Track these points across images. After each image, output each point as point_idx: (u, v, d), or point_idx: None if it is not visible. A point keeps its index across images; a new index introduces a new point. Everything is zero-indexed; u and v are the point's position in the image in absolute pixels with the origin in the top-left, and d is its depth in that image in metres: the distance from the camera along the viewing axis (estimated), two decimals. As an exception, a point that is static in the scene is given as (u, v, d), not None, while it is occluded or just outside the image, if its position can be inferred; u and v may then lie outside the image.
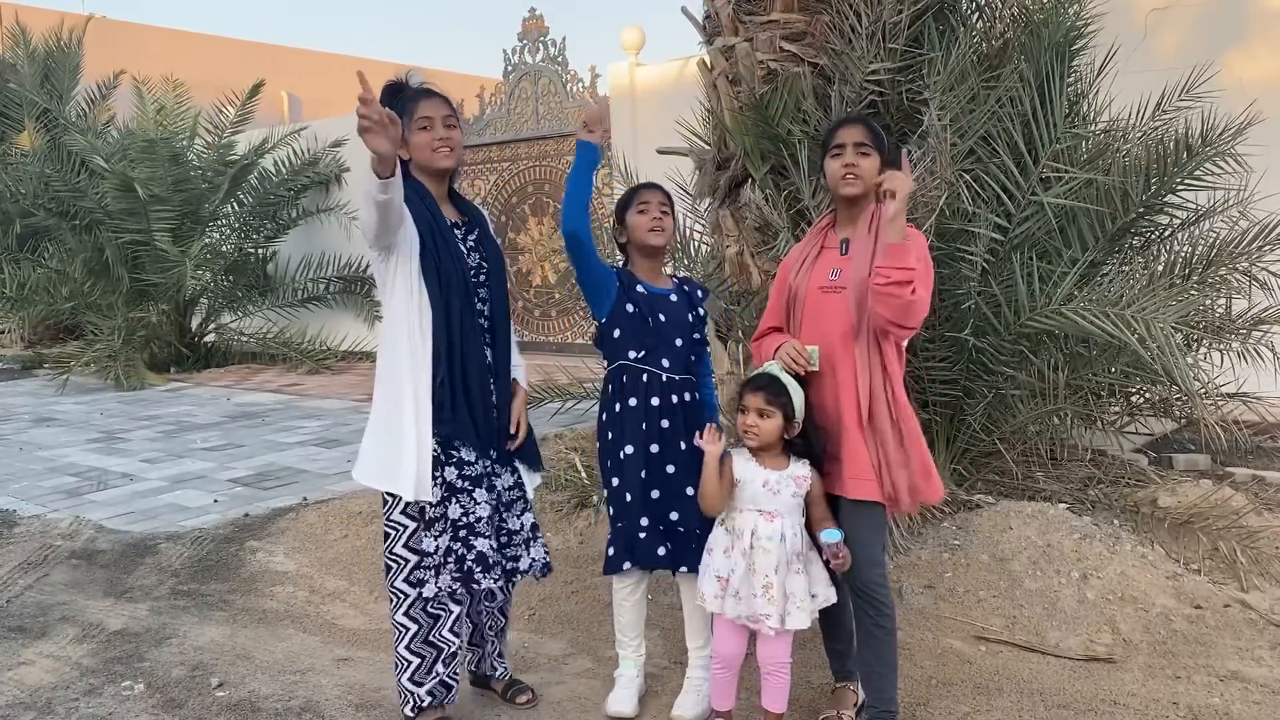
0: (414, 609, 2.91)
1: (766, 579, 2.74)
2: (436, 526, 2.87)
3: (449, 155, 2.93)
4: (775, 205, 4.41)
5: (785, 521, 2.78)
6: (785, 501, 2.79)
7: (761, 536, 2.76)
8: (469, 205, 3.11)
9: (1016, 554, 3.86)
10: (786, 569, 2.76)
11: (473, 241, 3.01)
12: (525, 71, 11.11)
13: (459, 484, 2.89)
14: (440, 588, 2.88)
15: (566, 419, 6.37)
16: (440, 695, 2.96)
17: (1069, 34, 4.32)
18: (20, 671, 3.65)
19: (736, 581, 2.78)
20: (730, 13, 4.59)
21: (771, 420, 2.76)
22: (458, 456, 2.88)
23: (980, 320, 4.18)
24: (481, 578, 2.88)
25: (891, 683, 2.83)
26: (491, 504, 2.94)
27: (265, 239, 12.64)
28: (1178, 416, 5.08)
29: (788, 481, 2.79)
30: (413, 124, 2.88)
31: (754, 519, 2.78)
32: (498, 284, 3.03)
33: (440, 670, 2.95)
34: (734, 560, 2.79)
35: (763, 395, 2.77)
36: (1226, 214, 4.59)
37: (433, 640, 2.93)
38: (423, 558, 2.88)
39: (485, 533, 2.89)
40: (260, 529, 5.16)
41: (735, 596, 2.78)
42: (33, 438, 8.01)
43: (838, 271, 2.81)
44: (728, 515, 2.86)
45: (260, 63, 20.20)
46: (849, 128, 2.84)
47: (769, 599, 2.73)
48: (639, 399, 3.04)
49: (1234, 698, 3.10)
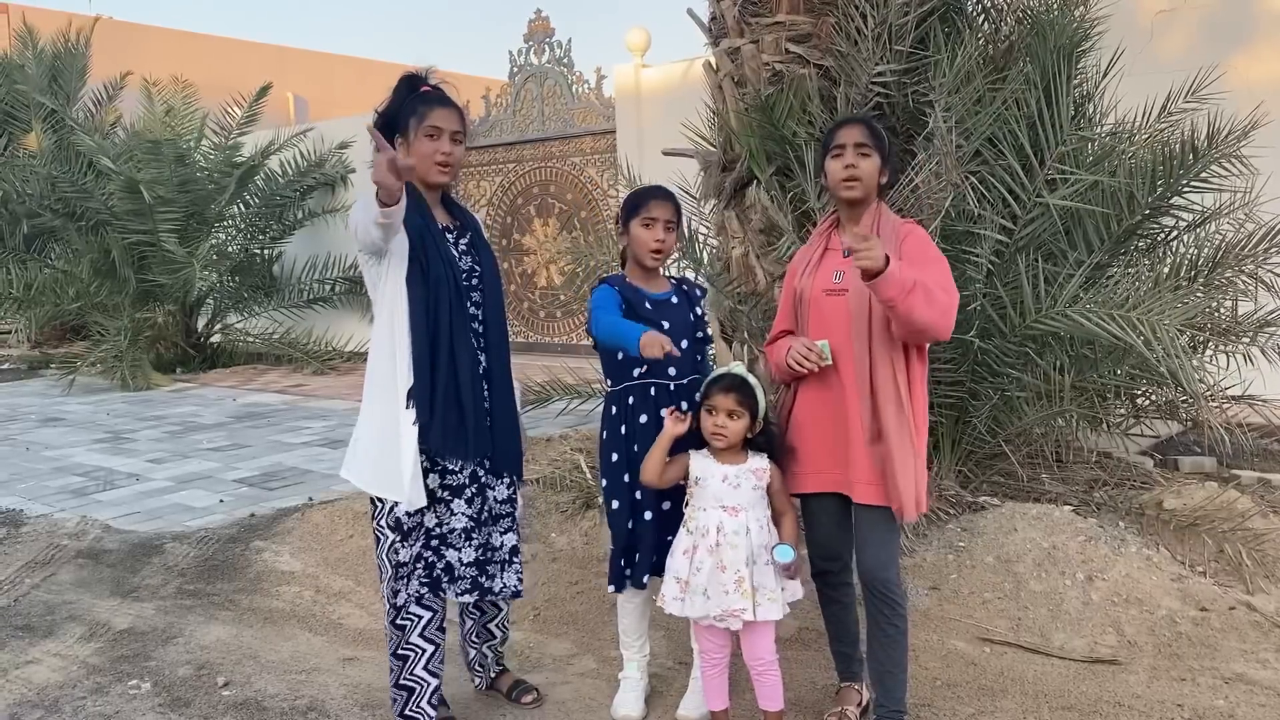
0: (393, 617, 2.90)
1: (738, 573, 2.75)
2: (411, 536, 2.83)
3: (445, 172, 2.88)
4: (781, 207, 4.41)
5: (749, 515, 2.80)
6: (747, 495, 2.81)
7: (728, 531, 2.77)
8: (461, 209, 3.08)
9: (1021, 556, 3.86)
10: (754, 562, 2.78)
11: (465, 245, 2.96)
12: (531, 73, 11.13)
13: (439, 493, 2.85)
14: (409, 595, 2.85)
15: (571, 419, 6.39)
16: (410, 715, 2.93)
17: (1074, 36, 4.32)
18: (28, 670, 3.66)
19: (703, 580, 2.78)
20: (735, 14, 4.59)
21: (740, 421, 2.79)
22: (442, 465, 2.84)
23: (986, 322, 4.18)
24: (447, 588, 2.86)
25: (902, 683, 2.83)
26: (471, 516, 2.87)
27: (271, 240, 12.68)
28: (1183, 419, 5.07)
29: (747, 475, 2.82)
30: (419, 128, 2.83)
31: (718, 515, 2.80)
32: (492, 288, 2.97)
33: (412, 688, 2.91)
34: (698, 559, 2.80)
35: (734, 396, 2.79)
36: (1233, 216, 4.58)
37: (400, 652, 2.90)
38: (399, 569, 2.86)
39: (457, 544, 2.86)
40: (266, 529, 5.17)
41: (704, 595, 2.78)
42: (39, 438, 8.04)
43: (841, 274, 2.79)
44: (690, 515, 2.87)
45: (266, 64, 20.27)
46: (849, 128, 2.82)
47: (742, 593, 2.75)
48: (649, 415, 2.98)
49: (1239, 700, 3.10)
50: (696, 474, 2.86)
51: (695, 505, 2.86)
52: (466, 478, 2.87)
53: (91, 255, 11.62)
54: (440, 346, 2.78)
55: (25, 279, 11.50)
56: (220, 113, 12.38)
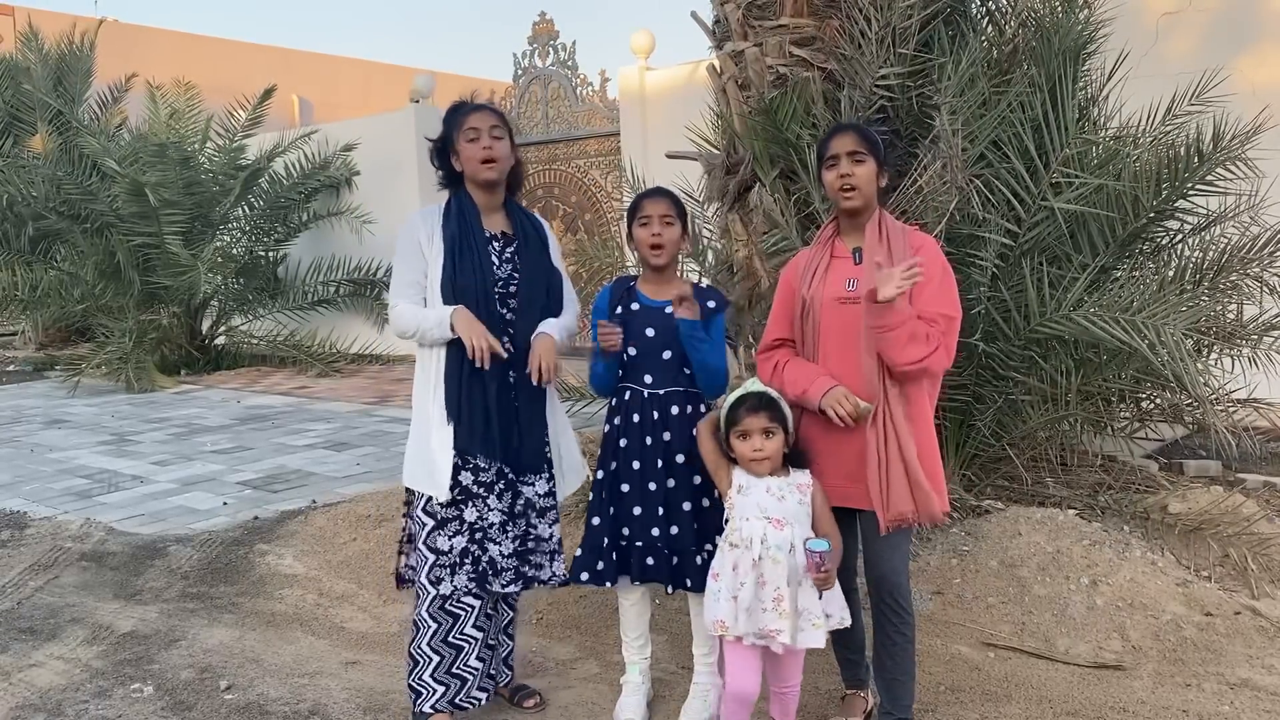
0: (432, 606, 3.00)
1: (777, 590, 2.62)
2: (450, 527, 2.97)
3: (492, 168, 3.01)
4: (784, 210, 4.41)
5: (795, 531, 2.67)
6: (792, 509, 2.69)
7: (771, 545, 2.64)
8: (523, 219, 3.15)
9: (1025, 560, 3.84)
10: (799, 583, 2.65)
11: (509, 254, 3.06)
12: (535, 75, 11.14)
13: (474, 489, 2.98)
14: (456, 586, 2.97)
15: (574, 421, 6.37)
16: (464, 705, 3.05)
17: (1079, 39, 4.31)
18: (31, 673, 3.66)
19: (746, 597, 2.64)
20: (740, 18, 4.59)
21: (776, 439, 2.71)
22: (473, 463, 2.97)
23: (990, 325, 4.17)
24: (493, 581, 2.98)
25: (909, 690, 2.83)
26: (504, 511, 3.00)
27: (276, 242, 12.69)
28: (1189, 422, 5.05)
29: (791, 488, 2.72)
30: (460, 135, 3.00)
31: (762, 526, 2.67)
32: (530, 296, 3.04)
33: (465, 678, 3.04)
34: (742, 573, 2.67)
35: (765, 415, 2.69)
36: (1238, 219, 4.56)
37: (452, 640, 3.01)
38: (439, 556, 2.98)
39: (497, 539, 2.98)
40: (269, 532, 5.17)
41: (746, 612, 2.66)
42: (44, 439, 8.06)
43: (854, 282, 2.76)
44: (731, 528, 2.74)
45: (271, 66, 20.29)
46: (841, 137, 2.80)
47: (780, 612, 2.62)
48: (621, 417, 3.06)
49: (1244, 706, 3.09)
50: (739, 481, 2.74)
51: (737, 515, 2.73)
52: (494, 474, 3.00)
53: (96, 257, 11.64)
54: (463, 353, 2.92)
55: (30, 281, 11.53)
56: (225, 115, 12.39)
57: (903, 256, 2.67)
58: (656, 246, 3.02)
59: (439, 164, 3.11)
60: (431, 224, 3.03)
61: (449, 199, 3.09)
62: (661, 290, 3.06)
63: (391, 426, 8.00)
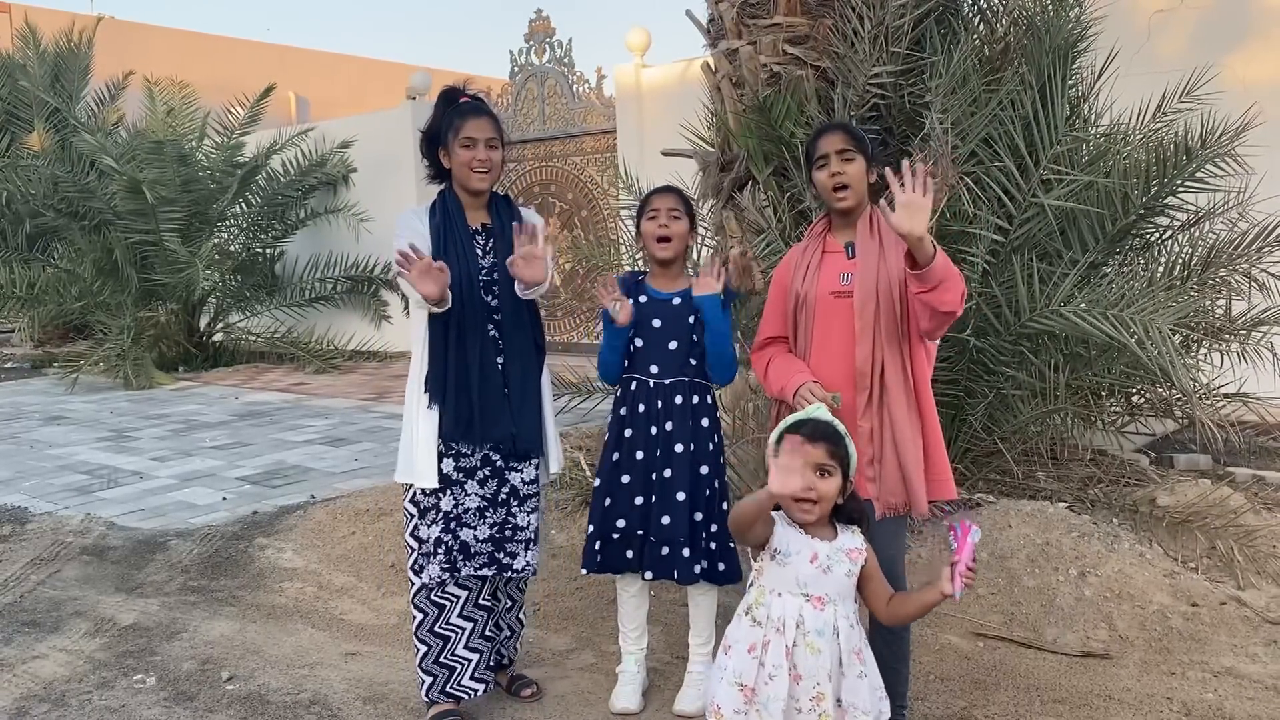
0: (419, 596, 3.06)
1: (817, 688, 2.14)
2: (429, 516, 3.03)
3: (485, 178, 3.07)
4: (777, 207, 4.45)
5: (838, 610, 2.20)
6: (838, 582, 2.20)
7: (809, 630, 2.16)
8: (507, 212, 3.17)
9: (1015, 552, 3.90)
10: (841, 673, 2.19)
11: (493, 245, 3.10)
12: (532, 73, 11.17)
13: (454, 476, 3.03)
14: (431, 575, 3.02)
15: (572, 418, 6.41)
16: (455, 695, 3.08)
17: (1070, 37, 4.35)
18: (34, 665, 3.71)
19: (774, 692, 2.14)
20: (734, 16, 4.63)
21: (832, 480, 2.21)
22: (456, 449, 3.02)
23: (981, 321, 4.22)
24: (463, 565, 3.02)
25: (904, 679, 2.86)
26: (484, 497, 3.05)
27: (273, 239, 12.72)
28: (1178, 417, 5.10)
29: (840, 557, 2.22)
30: (456, 140, 3.03)
31: (798, 606, 2.18)
32: (509, 287, 3.06)
33: (454, 667, 3.06)
34: (771, 661, 2.17)
35: (825, 448, 2.19)
36: (1226, 216, 4.61)
37: (439, 630, 3.05)
38: (420, 545, 3.05)
39: (471, 523, 3.03)
40: (269, 526, 5.21)
41: (767, 710, 2.15)
42: (43, 436, 8.09)
43: (848, 276, 2.80)
44: (756, 599, 2.26)
45: (268, 63, 20.32)
46: (829, 136, 2.82)
47: (820, 714, 2.13)
48: (627, 408, 3.12)
49: (1228, 693, 3.14)
50: (777, 545, 2.22)
51: (765, 587, 2.23)
52: (479, 460, 3.04)
53: (94, 255, 11.66)
54: (451, 340, 2.98)
55: (28, 278, 11.55)
56: (222, 112, 12.42)
57: (895, 250, 2.72)
58: (663, 239, 3.11)
59: (427, 156, 3.15)
60: (422, 219, 3.10)
61: (435, 199, 3.14)
62: (669, 284, 3.16)
63: (389, 422, 8.04)
